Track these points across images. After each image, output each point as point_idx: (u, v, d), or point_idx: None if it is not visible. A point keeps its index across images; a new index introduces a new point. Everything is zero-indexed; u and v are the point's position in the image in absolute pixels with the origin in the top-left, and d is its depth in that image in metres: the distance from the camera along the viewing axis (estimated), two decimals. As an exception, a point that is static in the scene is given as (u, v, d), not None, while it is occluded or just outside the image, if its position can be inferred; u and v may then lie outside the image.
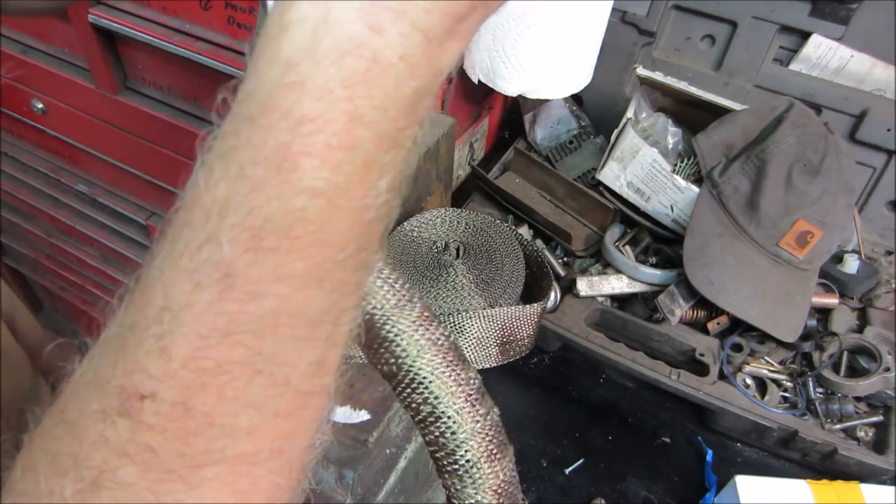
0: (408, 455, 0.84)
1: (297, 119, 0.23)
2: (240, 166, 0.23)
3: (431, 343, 0.31)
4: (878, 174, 1.09)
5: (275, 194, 0.23)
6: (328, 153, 0.23)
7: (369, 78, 0.23)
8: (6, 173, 1.15)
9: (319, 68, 0.22)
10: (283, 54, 0.22)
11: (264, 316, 0.24)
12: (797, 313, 0.93)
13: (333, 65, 0.22)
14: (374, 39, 0.22)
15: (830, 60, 1.07)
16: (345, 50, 0.22)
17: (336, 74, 0.22)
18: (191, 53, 0.75)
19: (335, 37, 0.22)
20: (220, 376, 0.24)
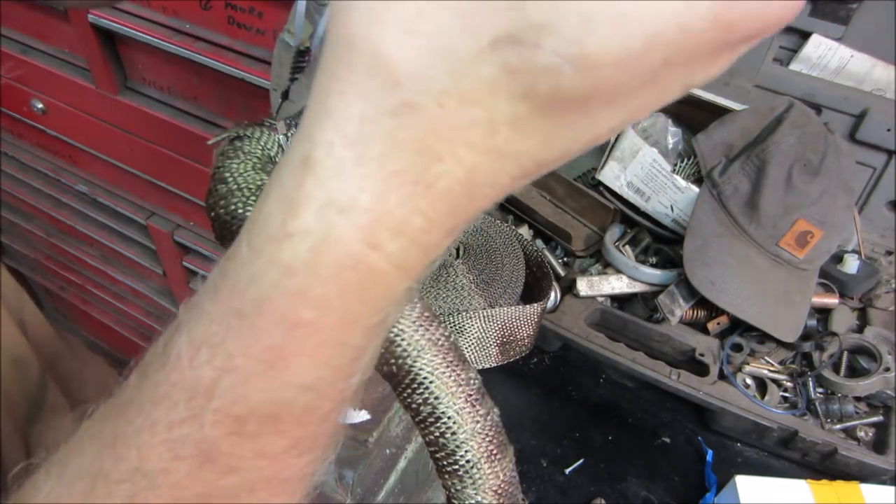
0: (408, 455, 0.84)
1: (292, 324, 0.23)
2: (228, 356, 0.24)
3: (431, 343, 0.31)
4: (878, 174, 1.09)
5: (263, 388, 0.24)
6: (320, 354, 0.24)
7: (365, 287, 0.23)
8: (6, 173, 1.15)
9: (318, 280, 0.22)
10: (282, 260, 0.23)
11: (242, 484, 0.25)
12: (797, 313, 0.93)
13: (332, 277, 0.22)
14: (373, 255, 0.22)
15: (830, 60, 1.07)
16: (344, 265, 0.22)
17: (334, 286, 0.23)
18: (191, 53, 0.75)
19: (335, 253, 0.22)
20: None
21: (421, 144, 0.21)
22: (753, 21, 0.19)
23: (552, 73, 0.19)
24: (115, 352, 1.44)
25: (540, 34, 0.19)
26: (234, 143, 0.43)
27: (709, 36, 0.19)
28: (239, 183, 0.38)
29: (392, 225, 0.22)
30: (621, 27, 0.18)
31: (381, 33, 0.20)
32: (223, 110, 0.83)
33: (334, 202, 0.22)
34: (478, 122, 0.21)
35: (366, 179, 0.21)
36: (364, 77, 0.20)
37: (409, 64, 0.20)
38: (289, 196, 0.22)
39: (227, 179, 0.39)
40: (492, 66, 0.20)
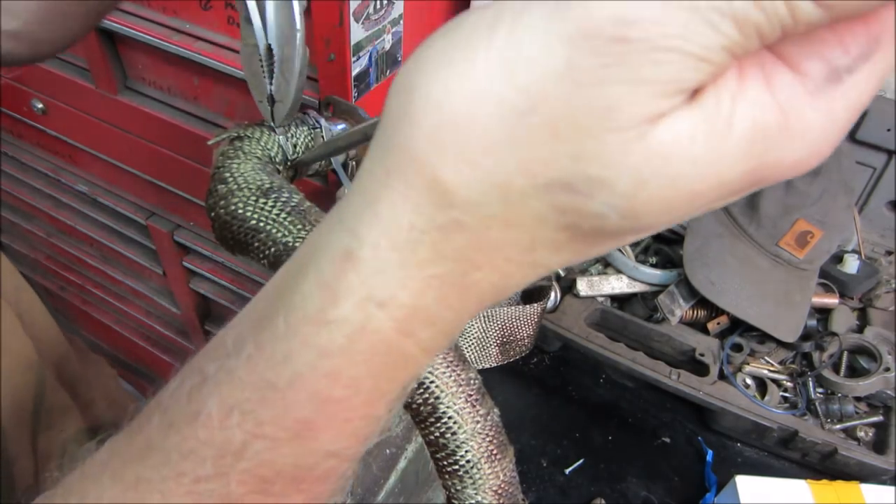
0: (408, 455, 0.84)
1: (324, 401, 0.24)
2: (258, 424, 0.25)
3: (432, 343, 0.31)
4: (878, 174, 1.09)
5: (289, 454, 0.25)
6: (346, 426, 0.25)
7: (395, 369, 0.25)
8: (6, 173, 1.15)
9: (352, 364, 0.24)
10: (318, 342, 0.24)
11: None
12: (797, 313, 0.93)
13: (365, 363, 0.24)
14: (404, 342, 0.24)
15: (830, 60, 1.07)
16: (377, 351, 0.24)
17: (365, 370, 0.24)
18: (191, 53, 0.75)
19: (370, 340, 0.23)
20: None
21: (462, 255, 0.22)
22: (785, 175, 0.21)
23: (598, 217, 0.21)
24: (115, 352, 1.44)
25: (594, 186, 0.20)
26: (234, 143, 0.43)
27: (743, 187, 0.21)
28: (239, 183, 0.38)
29: (425, 318, 0.23)
30: (670, 190, 0.20)
31: (444, 161, 0.21)
32: (223, 110, 0.83)
33: (374, 297, 0.23)
34: (519, 242, 0.22)
35: (407, 280, 0.23)
36: (419, 194, 0.22)
37: (464, 192, 0.21)
38: (329, 284, 0.24)
39: (228, 179, 0.39)
40: (542, 202, 0.21)
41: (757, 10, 0.17)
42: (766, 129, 0.20)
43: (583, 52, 0.18)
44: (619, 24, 0.18)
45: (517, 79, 0.19)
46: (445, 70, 0.21)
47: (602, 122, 0.19)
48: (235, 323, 0.27)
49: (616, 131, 0.19)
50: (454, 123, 0.20)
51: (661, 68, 0.18)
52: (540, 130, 0.20)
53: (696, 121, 0.19)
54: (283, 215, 0.40)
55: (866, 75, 0.20)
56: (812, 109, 0.20)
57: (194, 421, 0.26)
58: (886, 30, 0.19)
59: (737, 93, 0.20)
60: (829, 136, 0.20)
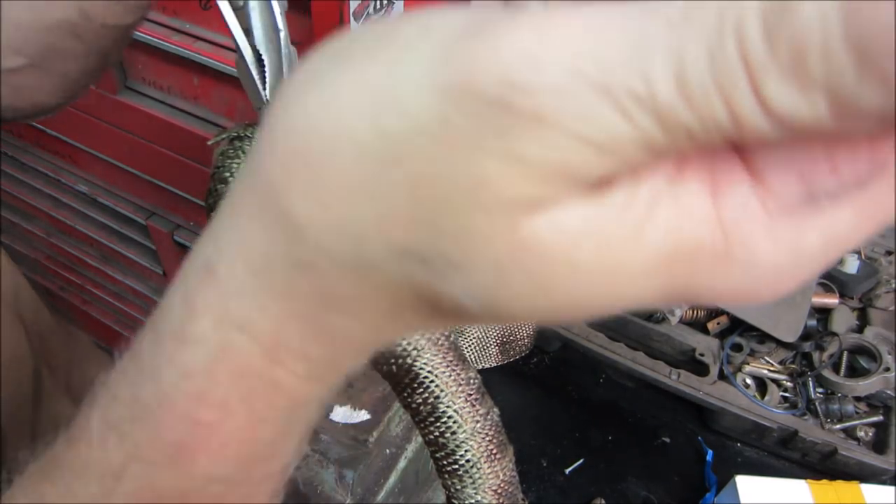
0: (408, 455, 0.84)
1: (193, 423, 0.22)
2: (136, 445, 0.23)
3: (431, 343, 0.31)
4: (878, 174, 1.09)
5: (170, 477, 0.23)
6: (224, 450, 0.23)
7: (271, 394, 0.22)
8: (6, 173, 1.15)
9: (217, 386, 0.22)
10: (181, 361, 0.22)
11: None
12: (797, 313, 0.93)
13: (232, 384, 0.22)
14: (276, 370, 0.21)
15: (830, 60, 1.07)
16: (243, 374, 0.22)
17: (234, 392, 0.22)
18: (191, 53, 0.75)
19: (234, 364, 0.21)
20: None
21: (319, 299, 0.20)
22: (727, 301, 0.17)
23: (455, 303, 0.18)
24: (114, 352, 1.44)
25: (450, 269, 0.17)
26: (234, 143, 0.43)
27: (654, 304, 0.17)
28: (239, 183, 0.38)
29: (294, 349, 0.21)
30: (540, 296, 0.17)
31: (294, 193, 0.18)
32: (223, 110, 0.83)
33: (233, 319, 0.21)
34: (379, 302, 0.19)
35: (265, 309, 0.20)
36: (272, 222, 0.19)
37: (315, 232, 0.18)
38: (189, 298, 0.22)
39: (228, 179, 0.39)
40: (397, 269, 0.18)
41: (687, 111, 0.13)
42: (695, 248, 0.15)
43: (459, 111, 0.15)
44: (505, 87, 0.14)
45: (384, 122, 0.16)
46: (312, 91, 0.18)
47: (467, 198, 0.16)
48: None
49: (481, 212, 0.16)
50: (307, 154, 0.18)
51: (547, 149, 0.14)
52: (400, 188, 0.17)
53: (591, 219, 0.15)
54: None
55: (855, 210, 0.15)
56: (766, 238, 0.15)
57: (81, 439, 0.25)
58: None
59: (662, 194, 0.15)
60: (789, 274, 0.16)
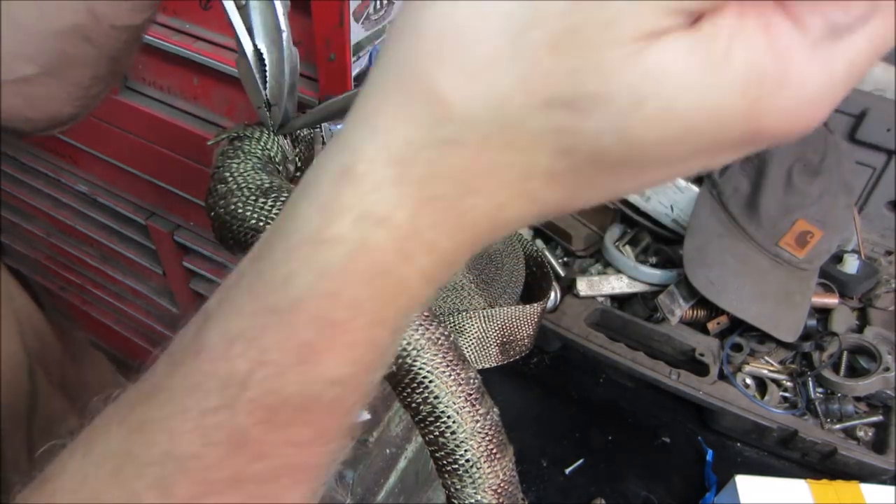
0: (408, 455, 0.84)
1: (326, 323, 0.24)
2: (262, 351, 0.25)
3: (431, 343, 0.31)
4: (878, 174, 1.09)
5: (295, 381, 0.25)
6: (350, 352, 0.25)
7: (396, 295, 0.24)
8: (6, 173, 1.15)
9: (352, 285, 0.24)
10: (317, 263, 0.24)
11: (270, 470, 0.26)
12: (797, 313, 0.93)
13: (365, 284, 0.24)
14: (405, 266, 0.24)
15: (830, 60, 1.07)
16: (377, 272, 0.23)
17: (366, 291, 0.24)
18: (191, 53, 0.75)
19: (370, 260, 0.23)
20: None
21: (459, 177, 0.22)
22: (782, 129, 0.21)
23: (596, 138, 0.21)
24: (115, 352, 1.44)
25: (591, 102, 0.20)
26: (233, 143, 0.43)
27: (741, 135, 0.20)
28: (239, 183, 0.38)
29: (423, 242, 0.23)
30: (666, 113, 0.20)
31: (443, 74, 0.21)
32: (223, 110, 0.83)
33: (372, 214, 0.23)
34: (515, 166, 0.22)
35: (404, 198, 0.22)
36: (417, 107, 0.22)
37: (462, 106, 0.21)
38: (326, 203, 0.23)
39: (227, 179, 0.39)
40: (540, 122, 0.21)
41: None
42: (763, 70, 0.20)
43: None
44: None
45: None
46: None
47: (601, 36, 0.19)
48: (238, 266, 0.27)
49: (615, 45, 0.19)
50: (458, 34, 0.21)
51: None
52: (541, 45, 0.20)
53: (694, 47, 0.19)
54: (283, 215, 0.40)
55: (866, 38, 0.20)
56: (810, 61, 0.20)
57: (198, 356, 0.26)
58: None
59: (735, 30, 0.20)
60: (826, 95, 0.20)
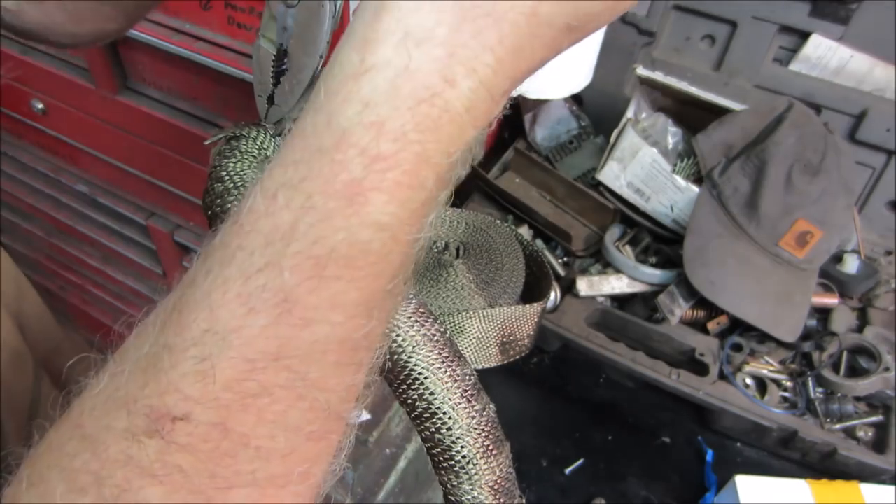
0: (408, 455, 0.84)
1: (373, 157, 0.24)
2: (308, 196, 0.24)
3: (427, 339, 0.31)
4: (878, 174, 1.09)
5: (343, 226, 0.24)
6: (397, 190, 0.24)
7: (440, 125, 0.24)
8: (6, 173, 1.15)
9: (397, 112, 0.23)
10: (361, 94, 0.23)
11: (316, 342, 0.25)
12: (797, 313, 0.93)
13: (410, 110, 0.23)
14: (448, 91, 0.24)
15: (830, 60, 1.07)
16: (421, 97, 0.23)
17: (411, 119, 0.23)
18: (191, 53, 0.75)
19: (414, 84, 0.23)
20: (262, 398, 0.25)
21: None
22: None
23: None
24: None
25: None
26: (230, 142, 0.43)
27: None
28: (235, 181, 0.38)
29: (465, 60, 0.23)
30: None
31: None
32: (223, 110, 0.83)
33: (412, 35, 0.23)
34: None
35: (443, 13, 0.23)
36: None
37: None
38: (365, 37, 0.24)
39: (224, 178, 0.39)
40: None
41: None
42: None
43: None
44: None
45: None
46: None
47: None
48: None
49: None
50: None
51: None
52: None
53: None
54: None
55: None
56: None
57: (237, 222, 0.25)
58: None
59: None
60: None
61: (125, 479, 0.24)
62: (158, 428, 0.24)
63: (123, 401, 0.25)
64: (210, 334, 0.24)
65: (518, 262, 0.80)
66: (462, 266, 0.77)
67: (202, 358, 0.24)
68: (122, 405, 0.25)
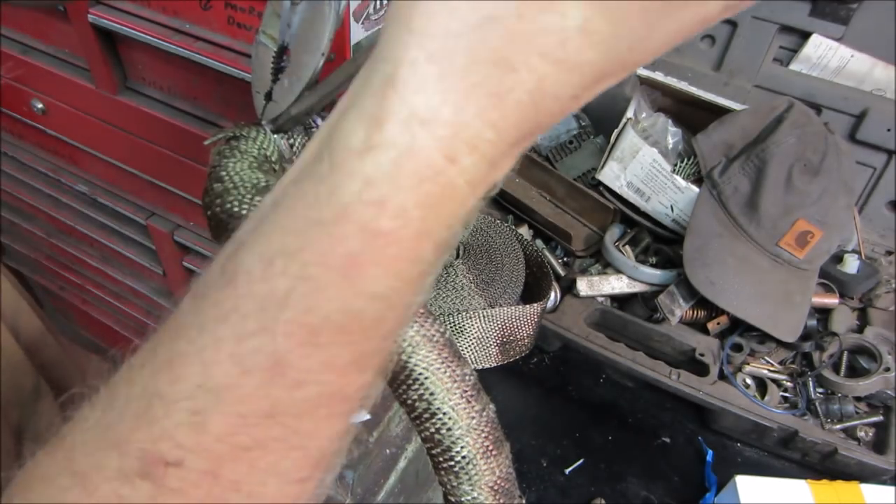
0: (408, 455, 0.84)
1: (373, 233, 0.24)
2: (303, 265, 0.24)
3: (426, 339, 0.31)
4: (878, 174, 1.09)
5: (337, 296, 0.24)
6: (395, 264, 0.24)
7: (441, 201, 0.24)
8: (6, 173, 1.15)
9: (400, 191, 0.23)
10: (364, 172, 0.23)
11: (307, 400, 0.25)
12: (797, 313, 0.93)
13: (413, 189, 0.23)
14: (449, 168, 0.24)
15: (830, 60, 1.07)
16: (424, 177, 0.23)
17: (413, 198, 0.24)
18: (191, 53, 0.75)
19: (417, 164, 0.23)
20: (255, 451, 0.25)
21: (498, 56, 0.23)
22: None
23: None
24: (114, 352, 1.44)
25: None
26: (230, 142, 0.43)
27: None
28: (235, 182, 0.38)
29: (467, 139, 0.23)
30: None
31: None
32: (223, 110, 0.83)
33: (417, 115, 0.23)
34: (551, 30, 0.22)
35: (448, 93, 0.23)
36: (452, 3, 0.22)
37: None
38: (372, 114, 0.24)
39: (224, 178, 0.39)
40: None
41: None
42: None
43: None
44: None
45: None
46: None
47: None
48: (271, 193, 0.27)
49: None
50: None
51: None
52: None
53: None
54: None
55: None
56: None
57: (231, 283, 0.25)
58: None
59: None
60: None
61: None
62: (151, 471, 0.25)
63: (115, 441, 0.26)
64: (203, 390, 0.25)
65: (518, 262, 0.81)
66: (462, 266, 0.77)
67: (195, 411, 0.25)
68: (113, 445, 0.26)
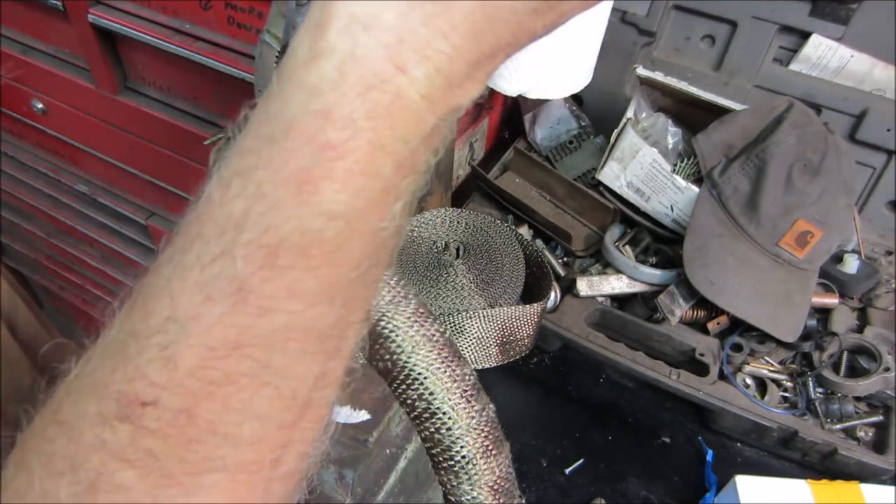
0: (408, 455, 0.84)
1: (321, 145, 0.23)
2: (258, 185, 0.24)
3: (426, 339, 0.31)
4: (878, 174, 1.09)
5: (293, 215, 0.24)
6: (349, 179, 0.24)
7: (392, 112, 0.23)
8: (6, 173, 1.15)
9: (345, 99, 0.23)
10: (309, 81, 0.23)
11: (275, 331, 0.25)
12: (797, 313, 0.93)
13: (359, 97, 0.23)
14: (398, 77, 0.23)
15: (830, 60, 1.07)
16: (370, 84, 0.23)
17: (361, 106, 0.23)
18: (191, 53, 0.75)
19: (361, 71, 0.23)
20: (226, 387, 0.25)
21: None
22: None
23: None
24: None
25: None
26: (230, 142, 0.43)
27: None
28: (236, 181, 0.38)
29: (417, 47, 0.23)
30: None
31: None
32: (223, 110, 0.83)
33: (358, 19, 0.22)
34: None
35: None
36: None
37: None
38: (315, 22, 0.23)
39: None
40: None
41: None
42: None
43: None
44: None
45: None
46: None
47: None
48: None
49: None
50: None
51: None
52: None
53: None
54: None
55: None
56: None
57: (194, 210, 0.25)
58: None
59: None
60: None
61: (100, 463, 0.24)
62: (128, 412, 0.24)
63: (94, 387, 0.25)
64: (171, 322, 0.24)
65: (518, 262, 0.81)
66: (462, 266, 0.78)
67: (165, 345, 0.24)
68: (93, 391, 0.25)
